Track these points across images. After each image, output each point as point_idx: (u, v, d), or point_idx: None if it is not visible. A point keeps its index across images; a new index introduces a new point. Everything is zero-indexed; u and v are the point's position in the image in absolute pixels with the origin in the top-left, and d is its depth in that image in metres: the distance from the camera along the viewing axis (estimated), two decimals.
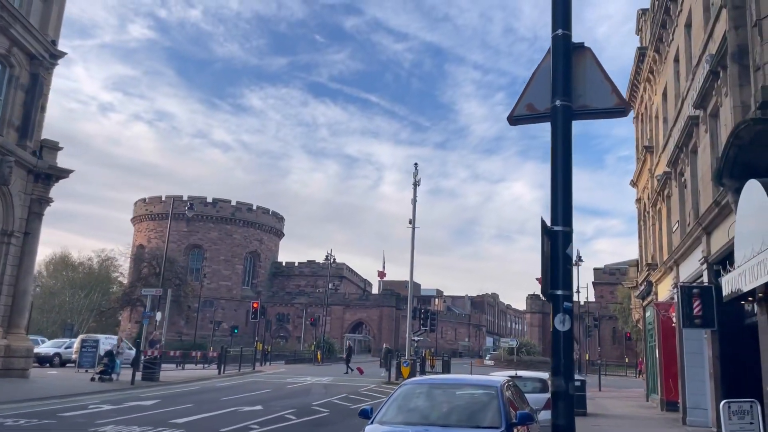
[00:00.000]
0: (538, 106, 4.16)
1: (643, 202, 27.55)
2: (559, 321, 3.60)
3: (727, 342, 14.15)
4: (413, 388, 8.30)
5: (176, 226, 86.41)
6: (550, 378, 3.61)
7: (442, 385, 8.26)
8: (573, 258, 3.71)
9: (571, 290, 3.67)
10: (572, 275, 3.66)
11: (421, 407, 7.89)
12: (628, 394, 30.59)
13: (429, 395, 8.10)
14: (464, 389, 8.11)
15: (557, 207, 3.80)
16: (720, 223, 13.69)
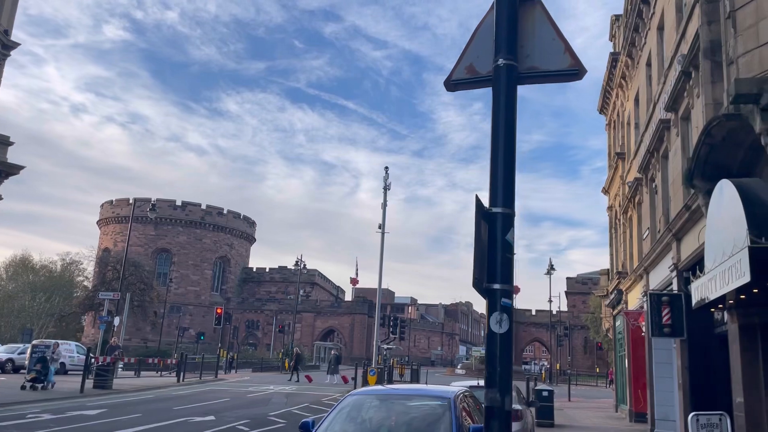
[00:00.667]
0: (479, 68, 3.50)
1: (615, 209, 27.27)
2: (495, 321, 2.92)
3: (696, 352, 13.70)
4: (360, 399, 7.58)
5: (143, 229, 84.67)
6: (485, 390, 2.92)
7: (391, 395, 7.55)
8: (514, 245, 3.03)
9: (510, 284, 3.00)
10: (512, 266, 2.99)
11: (367, 420, 7.18)
12: (597, 405, 30.20)
13: (376, 407, 7.39)
14: (415, 400, 7.41)
15: (497, 185, 3.14)
16: (690, 228, 13.26)
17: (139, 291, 61.70)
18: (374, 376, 29.28)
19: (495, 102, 3.25)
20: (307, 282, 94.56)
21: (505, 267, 3.00)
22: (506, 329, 2.91)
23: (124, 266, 36.02)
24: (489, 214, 3.06)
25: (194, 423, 15.63)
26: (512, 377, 2.97)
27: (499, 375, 2.88)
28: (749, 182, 8.38)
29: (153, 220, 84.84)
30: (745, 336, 9.49)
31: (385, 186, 31.39)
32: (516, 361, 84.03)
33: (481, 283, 2.95)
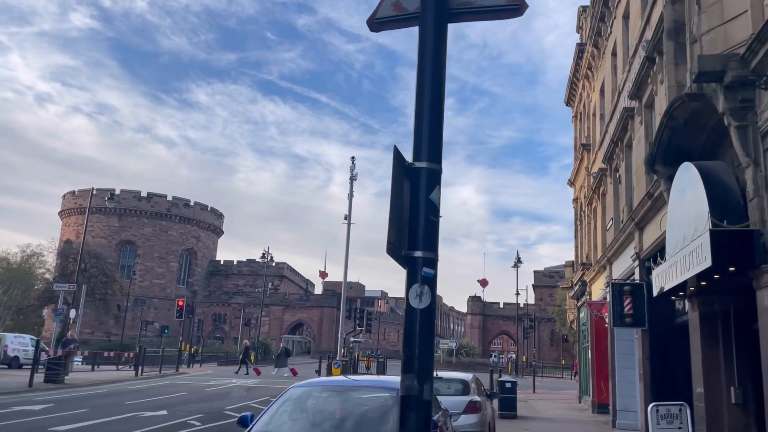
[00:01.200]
0: (407, 4, 3.02)
1: (580, 201, 27.23)
2: (414, 294, 2.46)
3: (657, 342, 13.56)
4: (304, 391, 7.09)
5: (107, 221, 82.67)
6: (401, 377, 2.46)
7: (337, 387, 7.08)
8: (439, 208, 2.57)
9: (434, 251, 2.54)
10: (437, 231, 2.54)
11: (310, 413, 6.70)
12: (561, 396, 30.25)
13: (321, 399, 6.92)
14: (363, 392, 6.96)
15: (422, 137, 2.68)
16: (653, 216, 13.07)
17: (100, 284, 60.06)
18: (338, 369, 28.78)
19: (422, 42, 2.79)
20: (275, 275, 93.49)
21: (429, 232, 2.55)
22: (427, 304, 2.46)
23: (81, 257, 34.80)
24: (411, 169, 2.61)
25: (144, 418, 14.95)
26: (433, 360, 2.51)
27: (418, 358, 2.43)
28: (712, 165, 8.12)
29: (117, 212, 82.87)
30: (706, 324, 9.28)
31: (352, 176, 30.87)
32: (484, 353, 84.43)
33: (399, 249, 2.49)
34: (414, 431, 2.37)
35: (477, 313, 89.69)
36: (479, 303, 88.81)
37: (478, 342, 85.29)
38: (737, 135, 7.26)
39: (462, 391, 11.44)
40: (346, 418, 6.55)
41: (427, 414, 2.38)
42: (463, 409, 10.90)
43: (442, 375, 11.86)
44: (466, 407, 10.93)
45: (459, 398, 11.19)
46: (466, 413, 10.88)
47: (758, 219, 6.96)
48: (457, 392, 11.46)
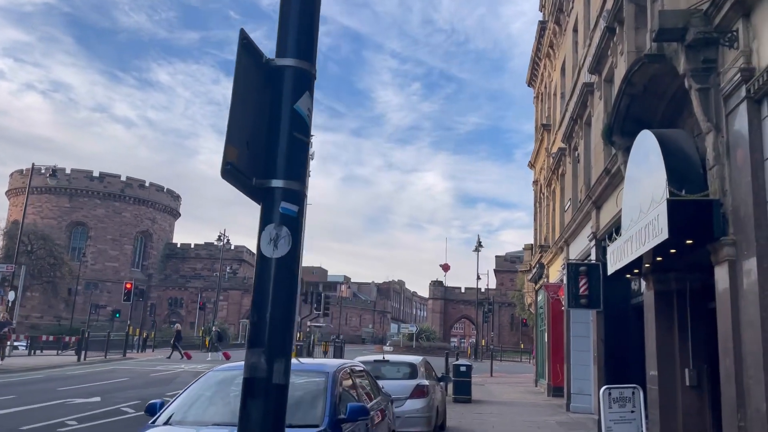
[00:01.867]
0: None
1: (540, 183, 26.93)
2: (268, 239, 1.74)
3: (613, 324, 13.22)
4: (222, 376, 6.35)
5: (57, 201, 79.69)
6: (246, 353, 1.73)
7: None
8: (310, 123, 1.84)
9: (301, 181, 1.82)
10: (305, 155, 1.82)
11: (226, 401, 5.96)
12: (518, 380, 30.16)
13: (238, 385, 6.17)
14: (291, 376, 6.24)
15: (288, 26, 1.94)
16: (610, 194, 12.65)
17: (48, 266, 57.76)
18: (293, 354, 28.09)
19: None
20: (234, 259, 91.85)
21: (293, 154, 1.83)
22: (285, 252, 1.73)
23: (21, 239, 32.97)
24: (272, 68, 1.85)
25: (73, 405, 13.98)
26: (293, 330, 1.80)
27: (269, 327, 1.71)
28: (671, 132, 7.61)
29: (67, 192, 79.88)
30: (661, 304, 8.85)
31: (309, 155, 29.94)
32: (445, 338, 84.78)
33: (246, 176, 1.75)
34: (257, 427, 1.64)
35: (438, 297, 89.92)
36: (441, 288, 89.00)
37: (440, 326, 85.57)
38: (698, 98, 6.73)
39: (409, 375, 10.85)
40: None
41: (279, 404, 1.69)
42: (409, 394, 10.31)
43: (389, 358, 11.26)
44: (412, 391, 10.35)
45: (406, 382, 10.60)
46: (413, 398, 10.30)
47: (718, 188, 6.47)
48: (404, 376, 10.87)
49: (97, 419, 12.13)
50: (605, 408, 9.58)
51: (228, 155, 1.71)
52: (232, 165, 1.70)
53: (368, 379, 7.51)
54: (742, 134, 6.06)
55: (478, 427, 13.74)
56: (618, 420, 9.54)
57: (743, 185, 6.03)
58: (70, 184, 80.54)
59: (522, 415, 16.34)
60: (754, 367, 5.71)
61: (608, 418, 9.61)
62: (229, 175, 1.69)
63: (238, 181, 1.75)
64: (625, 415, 9.63)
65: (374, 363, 11.20)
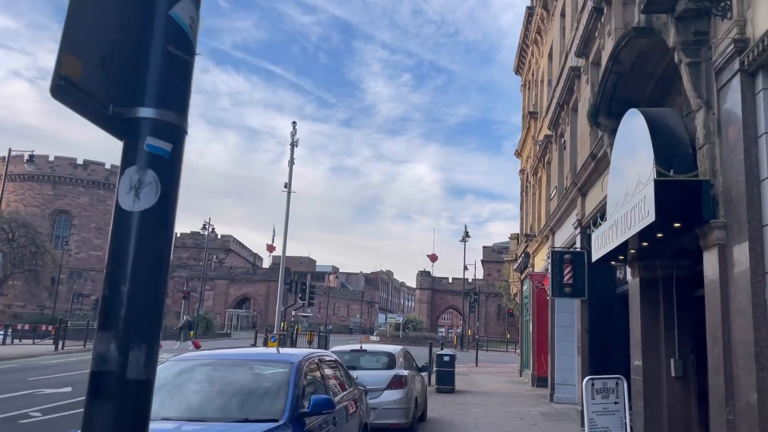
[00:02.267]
0: None
1: (526, 172, 26.59)
2: (128, 186, 1.30)
3: (597, 313, 12.90)
4: (180, 366, 5.92)
5: (40, 188, 78.48)
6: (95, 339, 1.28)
7: (219, 361, 5.93)
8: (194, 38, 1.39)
9: (179, 112, 1.37)
10: (187, 76, 1.37)
11: (183, 392, 5.55)
12: (503, 370, 29.97)
13: (197, 376, 5.76)
14: (250, 366, 5.83)
15: None
16: (596, 180, 12.29)
17: (29, 254, 56.79)
18: (275, 343, 27.69)
19: None
20: (221, 248, 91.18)
21: (169, 76, 1.38)
22: (151, 204, 1.30)
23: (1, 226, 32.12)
24: None
25: (42, 395, 13.50)
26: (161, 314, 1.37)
27: (127, 305, 1.27)
28: (659, 111, 7.22)
29: (51, 179, 78.63)
30: (647, 292, 8.51)
31: (293, 142, 29.38)
32: (432, 328, 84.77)
33: (97, 100, 1.31)
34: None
35: (426, 287, 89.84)
36: (428, 278, 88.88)
37: (427, 316, 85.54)
38: (688, 73, 6.34)
39: (387, 365, 10.48)
40: (221, 396, 5.42)
41: (137, 408, 1.26)
42: (386, 385, 9.94)
43: (366, 347, 10.87)
44: (389, 382, 9.98)
45: (383, 372, 10.23)
46: (390, 389, 9.92)
47: (708, 168, 6.10)
48: (382, 366, 10.49)
49: (63, 410, 11.67)
50: (588, 399, 9.26)
51: (64, 67, 1.27)
52: (68, 81, 1.25)
53: (340, 370, 7.11)
54: (734, 110, 5.68)
55: (460, 418, 13.42)
56: (601, 411, 9.22)
57: (735, 164, 5.66)
58: (53, 171, 79.35)
59: (505, 405, 16.06)
60: (744, 357, 5.37)
61: (591, 410, 9.30)
62: (65, 95, 1.26)
63: (84, 105, 1.32)
64: (609, 407, 9.31)
65: (351, 353, 10.83)
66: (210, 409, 5.20)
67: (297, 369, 5.59)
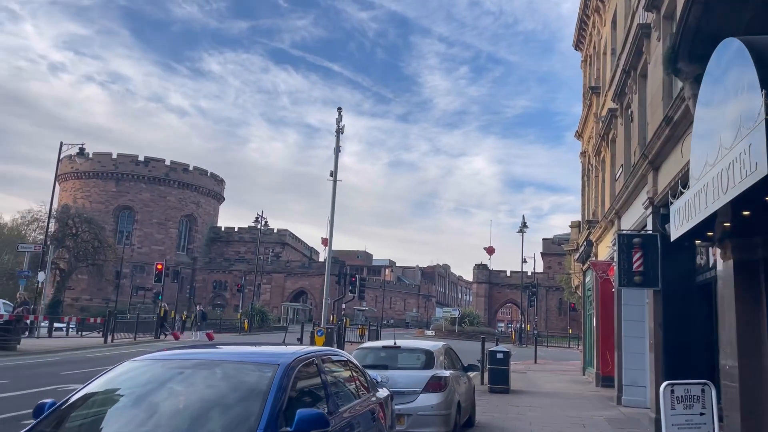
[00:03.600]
0: None
1: (588, 154, 24.55)
2: None
3: (673, 305, 11.09)
4: (139, 368, 4.74)
5: (104, 185, 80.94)
6: None
7: (184, 363, 4.70)
8: None
9: None
10: None
11: (136, 399, 4.36)
12: (564, 367, 28.03)
13: (160, 378, 4.56)
14: (220, 371, 4.55)
15: None
16: (671, 149, 10.49)
17: (92, 249, 58.24)
18: (322, 337, 26.72)
19: None
20: (277, 242, 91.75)
21: None
22: None
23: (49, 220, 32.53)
24: None
25: (65, 391, 12.79)
26: None
27: None
28: (765, 39, 5.52)
29: (114, 176, 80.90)
30: (743, 277, 6.80)
31: (338, 129, 28.28)
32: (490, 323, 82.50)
33: None
34: None
35: (483, 281, 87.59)
36: (485, 271, 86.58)
37: (484, 311, 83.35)
38: None
39: (424, 364, 9.09)
40: (184, 405, 4.19)
41: None
42: (422, 387, 8.57)
43: (400, 344, 9.50)
44: (426, 384, 8.60)
45: (419, 373, 8.85)
46: (427, 392, 8.55)
47: None
48: (416, 365, 9.11)
49: None
50: (667, 409, 7.62)
51: None
52: None
53: (352, 371, 5.79)
54: None
55: (514, 423, 11.91)
56: (683, 425, 7.56)
57: None
58: (116, 168, 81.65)
59: (566, 408, 14.40)
60: None
61: (671, 422, 7.65)
62: None
63: None
64: (693, 418, 7.64)
65: (383, 350, 9.50)
66: (171, 421, 3.98)
67: (284, 373, 4.31)
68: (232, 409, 4.03)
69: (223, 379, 4.41)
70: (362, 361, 9.11)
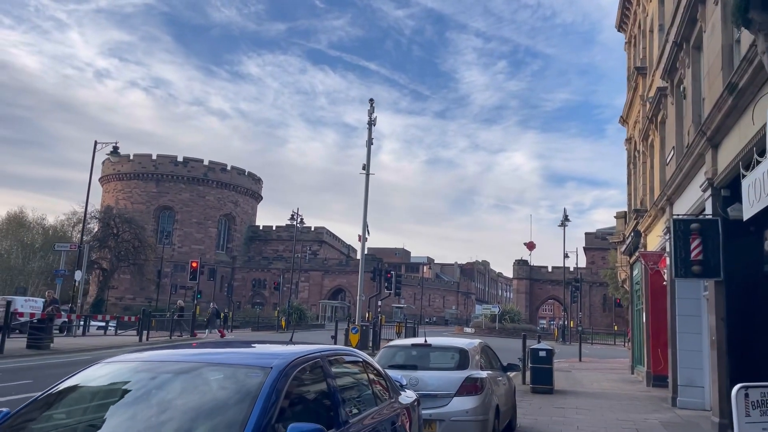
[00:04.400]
0: None
1: (633, 140, 23.16)
2: None
3: (738, 297, 9.94)
4: (110, 371, 4.03)
5: (145, 186, 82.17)
6: None
7: (165, 363, 3.94)
8: None
9: None
10: None
11: (96, 408, 3.65)
12: (611, 365, 26.66)
13: (132, 384, 3.82)
14: (202, 376, 3.78)
15: None
16: (735, 121, 9.34)
17: (132, 248, 59.03)
18: (356, 335, 26.08)
19: None
20: (315, 240, 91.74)
21: None
22: None
23: (85, 219, 32.72)
24: None
25: None
26: None
27: None
28: None
29: (154, 177, 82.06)
30: None
31: (370, 121, 27.53)
32: (531, 319, 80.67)
33: None
34: None
35: (523, 277, 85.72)
36: (526, 267, 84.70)
37: (525, 307, 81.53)
38: None
39: (458, 364, 8.21)
40: (146, 424, 3.43)
41: None
42: (456, 390, 7.70)
43: (432, 342, 8.64)
44: (460, 386, 7.73)
45: (452, 374, 7.98)
46: (461, 395, 7.67)
47: None
48: (452, 365, 8.24)
49: None
50: (740, 415, 6.56)
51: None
52: None
53: (369, 374, 4.98)
54: None
55: (559, 427, 10.92)
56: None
57: None
58: (156, 169, 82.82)
59: (616, 411, 13.30)
60: None
61: (745, 430, 6.62)
62: None
63: None
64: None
65: (412, 348, 8.65)
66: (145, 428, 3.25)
67: (277, 378, 3.53)
68: (209, 422, 3.26)
69: (203, 385, 3.65)
70: (389, 361, 8.30)
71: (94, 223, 70.23)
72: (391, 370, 7.90)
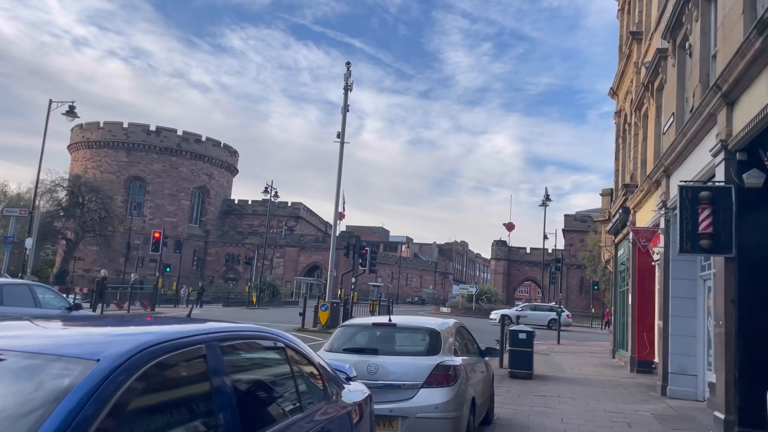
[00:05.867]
0: None
1: (624, 112, 21.84)
2: None
3: (752, 277, 8.66)
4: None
5: (115, 155, 79.39)
6: None
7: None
8: None
9: None
10: None
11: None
12: (591, 349, 25.66)
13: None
14: (32, 361, 2.28)
15: None
16: (758, 72, 7.96)
17: (99, 219, 56.71)
18: (326, 312, 24.70)
19: None
20: (291, 216, 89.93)
21: None
22: None
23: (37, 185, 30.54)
24: None
25: None
26: None
27: None
28: None
29: (125, 146, 79.16)
30: None
31: (346, 85, 25.83)
32: (508, 300, 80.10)
33: None
34: None
35: (501, 258, 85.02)
36: (504, 248, 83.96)
37: (502, 288, 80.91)
38: None
39: (428, 349, 6.77)
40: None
41: None
42: (424, 380, 6.28)
43: (397, 321, 7.21)
44: (429, 375, 6.31)
45: (420, 360, 6.56)
46: (430, 386, 6.26)
47: None
48: (421, 350, 6.81)
49: None
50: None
51: None
52: None
53: (292, 365, 3.49)
54: None
55: (541, 419, 9.64)
56: None
57: None
58: (127, 138, 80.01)
59: (602, 400, 12.08)
60: None
61: None
62: None
63: None
64: None
65: (372, 328, 7.18)
66: None
67: (103, 379, 2.05)
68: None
69: (38, 374, 2.15)
70: (345, 344, 6.85)
71: (61, 191, 67.55)
72: (345, 355, 6.45)
